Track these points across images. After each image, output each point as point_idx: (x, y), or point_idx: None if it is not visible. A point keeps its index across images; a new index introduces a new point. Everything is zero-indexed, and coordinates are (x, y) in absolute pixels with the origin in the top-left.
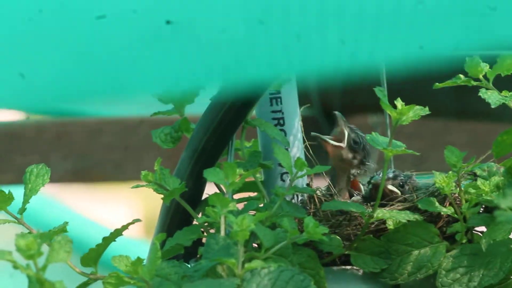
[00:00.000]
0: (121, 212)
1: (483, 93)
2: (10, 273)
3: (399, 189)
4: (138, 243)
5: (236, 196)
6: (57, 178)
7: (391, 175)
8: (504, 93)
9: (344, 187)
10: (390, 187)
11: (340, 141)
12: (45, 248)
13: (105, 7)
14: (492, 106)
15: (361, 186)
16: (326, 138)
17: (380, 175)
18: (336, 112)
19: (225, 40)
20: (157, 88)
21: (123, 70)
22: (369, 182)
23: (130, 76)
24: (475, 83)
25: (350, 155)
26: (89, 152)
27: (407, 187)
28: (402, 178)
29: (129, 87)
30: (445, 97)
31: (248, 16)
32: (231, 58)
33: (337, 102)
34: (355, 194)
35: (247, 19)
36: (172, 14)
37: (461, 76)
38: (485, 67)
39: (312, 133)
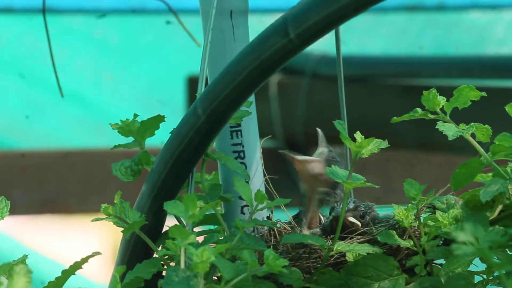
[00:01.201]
0: (90, 243)
1: (440, 126)
2: None
3: (359, 220)
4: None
5: (196, 229)
6: (22, 210)
7: (351, 205)
8: (462, 126)
9: (315, 209)
10: (351, 219)
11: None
12: (4, 279)
13: None
14: (450, 139)
15: (322, 217)
16: (292, 154)
17: (341, 207)
18: (318, 129)
19: None
20: None
21: None
22: (330, 213)
23: None
24: (432, 117)
25: (317, 170)
26: (53, 184)
27: (367, 218)
28: (362, 209)
29: None
30: (409, 128)
31: None
32: None
33: (300, 133)
34: (322, 219)
35: None
36: None
37: (419, 109)
38: (442, 100)
39: (280, 151)
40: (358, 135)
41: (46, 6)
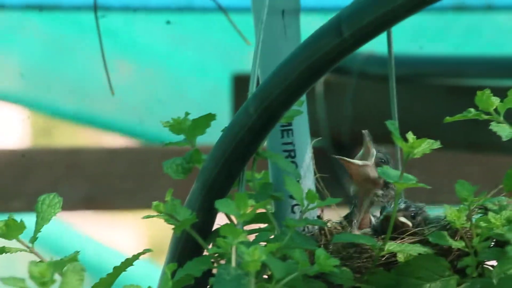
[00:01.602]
0: (126, 237)
1: (494, 127)
2: None
3: (410, 221)
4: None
5: (246, 228)
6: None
7: (402, 206)
8: None
9: (366, 211)
10: (402, 219)
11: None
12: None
13: None
14: (504, 140)
15: (372, 218)
16: (349, 159)
17: (392, 207)
18: (364, 131)
19: None
20: None
21: None
22: (380, 213)
23: None
24: (486, 117)
25: (376, 174)
26: (100, 181)
27: (418, 218)
28: (413, 209)
29: None
30: (457, 129)
31: None
32: None
33: (346, 133)
34: (372, 220)
35: None
36: None
37: (472, 110)
38: (496, 101)
39: (334, 156)
40: (410, 136)
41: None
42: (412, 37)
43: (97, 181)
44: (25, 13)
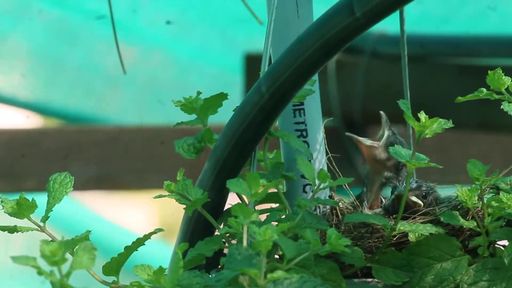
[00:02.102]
0: (137, 216)
1: (505, 106)
2: (41, 281)
3: (421, 200)
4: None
5: (258, 208)
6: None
7: (414, 185)
8: None
9: (377, 192)
10: (414, 198)
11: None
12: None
13: None
14: None
15: (383, 199)
16: (360, 138)
17: (403, 186)
18: (381, 112)
19: None
20: None
21: None
22: (391, 193)
23: None
24: (497, 97)
25: (384, 156)
26: (109, 160)
27: (429, 198)
28: (424, 188)
29: None
30: (467, 108)
31: None
32: None
33: (357, 112)
34: (383, 201)
35: None
36: None
37: (483, 89)
38: (508, 81)
39: (347, 133)
40: (422, 115)
41: None
42: (420, 19)
43: (106, 161)
44: None
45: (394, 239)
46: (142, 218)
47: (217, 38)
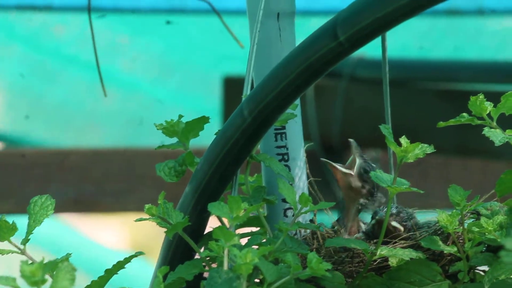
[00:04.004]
0: (109, 240)
1: (487, 132)
2: None
3: (402, 225)
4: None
5: (238, 231)
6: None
7: (394, 210)
8: (508, 131)
9: (353, 218)
10: (394, 223)
11: (351, 169)
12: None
13: None
14: (496, 145)
15: (362, 224)
16: (336, 164)
17: (384, 211)
18: (351, 140)
19: None
20: None
21: None
22: (372, 218)
23: None
24: (478, 122)
25: (359, 184)
26: (88, 182)
27: (409, 223)
28: (404, 214)
29: None
30: (446, 133)
31: None
32: None
33: (336, 136)
34: (362, 226)
35: None
36: None
37: (465, 114)
38: (489, 106)
39: (322, 159)
40: (403, 140)
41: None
42: (407, 43)
43: (85, 183)
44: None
45: (375, 263)
46: (113, 240)
47: (199, 60)
